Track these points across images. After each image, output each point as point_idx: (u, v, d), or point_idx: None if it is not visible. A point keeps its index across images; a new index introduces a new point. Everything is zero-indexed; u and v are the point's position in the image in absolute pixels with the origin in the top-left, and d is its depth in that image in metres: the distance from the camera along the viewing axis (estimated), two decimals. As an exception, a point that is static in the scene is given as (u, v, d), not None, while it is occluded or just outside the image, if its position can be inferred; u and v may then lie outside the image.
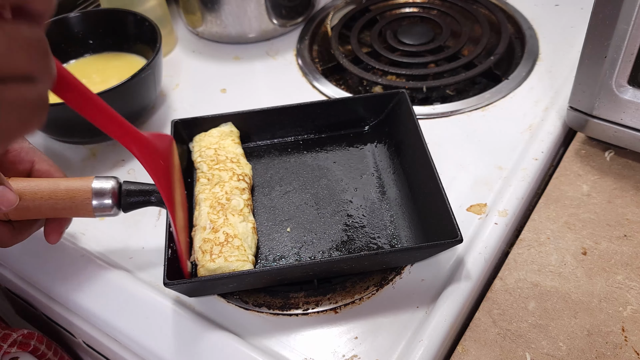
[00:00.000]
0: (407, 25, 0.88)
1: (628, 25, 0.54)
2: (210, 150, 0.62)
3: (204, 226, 0.55)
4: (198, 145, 0.64)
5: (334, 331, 0.53)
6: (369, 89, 0.81)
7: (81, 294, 0.58)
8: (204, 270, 0.53)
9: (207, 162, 0.61)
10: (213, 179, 0.59)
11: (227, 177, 0.60)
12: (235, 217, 0.56)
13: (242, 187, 0.60)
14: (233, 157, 0.62)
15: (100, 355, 0.64)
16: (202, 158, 0.62)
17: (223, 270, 0.52)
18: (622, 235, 0.58)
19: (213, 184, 0.59)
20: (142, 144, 0.46)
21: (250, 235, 0.56)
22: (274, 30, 0.90)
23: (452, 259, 0.57)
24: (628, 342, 0.50)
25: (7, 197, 0.46)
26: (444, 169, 0.63)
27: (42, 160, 0.55)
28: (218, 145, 0.63)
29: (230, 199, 0.57)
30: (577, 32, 0.84)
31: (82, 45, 0.80)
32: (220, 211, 0.56)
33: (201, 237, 0.55)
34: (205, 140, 0.64)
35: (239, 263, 0.52)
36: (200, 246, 0.54)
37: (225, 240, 0.54)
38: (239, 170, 0.61)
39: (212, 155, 0.62)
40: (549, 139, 0.68)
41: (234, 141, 0.64)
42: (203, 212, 0.57)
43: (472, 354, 0.51)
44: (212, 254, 0.53)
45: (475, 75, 0.78)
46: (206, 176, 0.60)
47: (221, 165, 0.61)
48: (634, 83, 0.58)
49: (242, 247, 0.54)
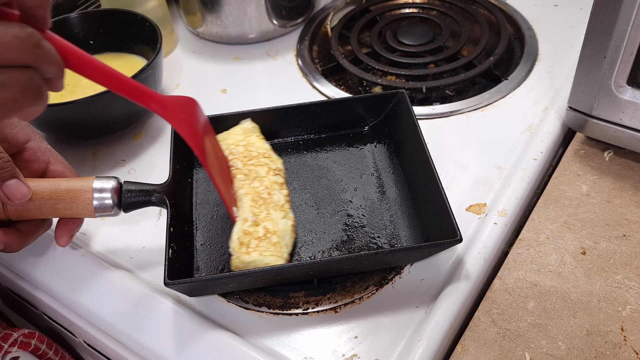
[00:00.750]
0: (407, 26, 0.88)
1: (627, 25, 0.54)
2: (240, 147, 0.62)
3: (246, 218, 0.55)
4: (225, 144, 0.63)
5: (334, 331, 0.54)
6: (368, 89, 0.81)
7: (82, 293, 0.58)
8: (238, 261, 0.53)
9: (240, 158, 0.61)
10: (250, 174, 0.59)
11: (264, 172, 0.60)
12: (277, 212, 0.56)
13: (280, 182, 0.60)
14: (264, 152, 0.62)
15: (101, 355, 0.64)
16: (233, 155, 0.61)
17: (257, 264, 0.52)
18: (621, 235, 0.58)
19: (251, 178, 0.59)
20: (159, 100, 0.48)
21: (288, 233, 0.56)
22: (274, 30, 0.90)
23: (451, 259, 0.57)
24: (627, 342, 0.50)
25: (21, 190, 0.48)
26: (443, 169, 0.63)
27: (58, 162, 0.56)
28: (246, 142, 0.63)
29: (271, 194, 0.57)
30: (576, 33, 0.84)
31: (83, 46, 0.78)
32: (262, 205, 0.56)
33: (241, 229, 0.55)
34: (231, 138, 0.64)
35: (273, 258, 0.52)
36: (238, 237, 0.54)
37: (264, 235, 0.54)
38: (274, 165, 0.61)
39: (243, 151, 0.62)
40: (549, 139, 0.68)
41: (258, 137, 0.64)
42: (245, 205, 0.56)
43: (471, 353, 0.51)
44: (249, 246, 0.53)
45: (474, 75, 0.78)
46: (242, 172, 0.60)
47: (255, 160, 0.61)
48: (633, 83, 0.58)
49: (279, 245, 0.54)
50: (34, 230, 0.53)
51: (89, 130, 0.73)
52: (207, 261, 0.58)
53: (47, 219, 0.55)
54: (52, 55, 0.35)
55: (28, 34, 0.33)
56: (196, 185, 0.65)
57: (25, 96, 0.33)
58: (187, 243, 0.59)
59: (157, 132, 0.77)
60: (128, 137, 0.76)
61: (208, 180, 0.65)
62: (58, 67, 0.36)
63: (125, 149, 0.74)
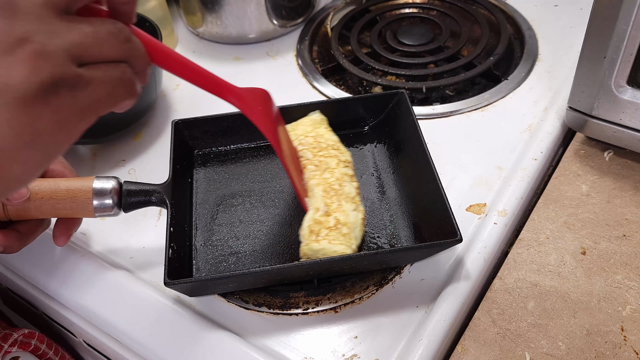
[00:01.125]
0: (407, 26, 0.88)
1: (627, 25, 0.54)
2: (310, 138, 0.62)
3: (318, 207, 0.55)
4: (294, 134, 0.63)
5: (334, 330, 0.54)
6: (368, 89, 0.81)
7: (82, 293, 0.58)
8: (307, 248, 0.53)
9: (310, 149, 0.61)
10: (321, 165, 0.59)
11: (334, 163, 0.60)
12: (349, 204, 0.56)
13: (349, 174, 0.60)
14: (333, 144, 0.62)
15: (101, 355, 0.64)
16: (303, 146, 0.62)
17: (326, 252, 0.52)
18: (621, 235, 0.58)
19: (322, 169, 0.59)
20: (237, 93, 0.49)
21: (358, 226, 0.56)
22: (274, 30, 0.90)
23: (451, 259, 0.57)
24: (627, 342, 0.50)
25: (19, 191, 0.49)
26: (443, 169, 0.63)
27: (58, 162, 0.56)
28: (315, 133, 0.63)
29: (342, 185, 0.58)
30: (576, 33, 0.84)
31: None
32: (333, 196, 0.56)
33: (312, 217, 0.55)
34: (299, 129, 0.64)
35: (342, 247, 0.52)
36: (309, 225, 0.54)
37: (334, 225, 0.54)
38: (343, 157, 0.61)
39: (313, 142, 0.62)
40: (548, 139, 0.68)
41: (327, 129, 0.64)
42: (317, 195, 0.57)
43: (471, 353, 0.51)
44: (319, 235, 0.53)
45: (474, 75, 0.78)
46: (313, 163, 0.60)
47: (324, 152, 0.61)
48: (633, 83, 0.58)
49: (349, 236, 0.54)
50: (33, 231, 0.53)
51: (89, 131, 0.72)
52: (207, 261, 0.58)
53: (45, 219, 0.55)
54: (141, 49, 0.36)
55: (120, 29, 0.34)
56: (196, 185, 0.65)
57: (119, 91, 0.34)
58: (187, 243, 0.59)
59: (157, 132, 0.77)
60: (128, 137, 0.76)
61: (208, 180, 0.65)
62: (146, 60, 0.37)
63: (125, 149, 0.74)
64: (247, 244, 0.59)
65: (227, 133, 0.67)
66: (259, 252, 0.58)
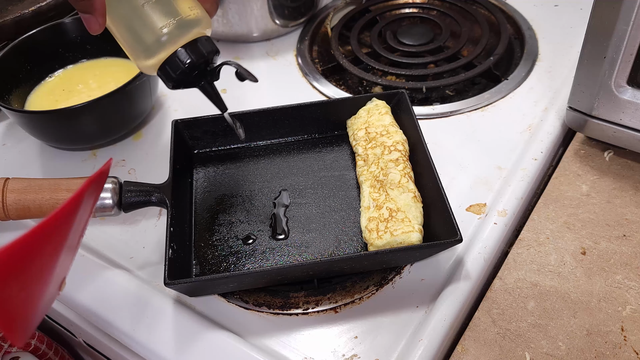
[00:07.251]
0: (407, 26, 0.88)
1: (627, 25, 0.54)
2: (361, 131, 0.64)
3: (368, 206, 0.57)
4: (351, 130, 0.65)
5: (334, 331, 0.54)
6: (368, 89, 0.81)
7: (82, 293, 0.58)
8: (373, 248, 0.53)
9: (360, 143, 0.63)
10: (368, 159, 0.61)
11: (380, 152, 0.61)
12: (395, 190, 0.57)
13: (394, 158, 0.60)
14: (382, 130, 0.63)
15: (101, 355, 0.64)
16: (356, 141, 0.63)
17: (391, 244, 0.53)
18: (621, 235, 0.58)
19: (369, 163, 0.60)
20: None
21: (412, 205, 0.56)
22: (276, 30, 0.90)
23: (451, 259, 0.57)
24: (627, 342, 0.50)
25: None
26: (443, 169, 0.63)
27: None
28: (367, 124, 0.64)
29: (387, 174, 0.58)
30: (576, 33, 0.84)
31: (80, 51, 0.79)
32: (380, 189, 0.57)
33: (366, 217, 0.56)
34: (356, 124, 0.65)
35: (405, 236, 0.53)
36: (366, 226, 0.55)
37: (389, 215, 0.54)
38: (389, 142, 0.62)
39: (364, 135, 0.63)
40: (549, 139, 0.68)
41: (380, 113, 0.65)
42: (365, 192, 0.58)
43: (471, 353, 0.51)
44: (379, 231, 0.54)
45: (474, 75, 0.78)
46: (362, 158, 0.62)
47: (373, 142, 0.62)
48: (633, 83, 0.58)
49: (407, 219, 0.54)
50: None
51: (87, 136, 0.72)
52: (207, 261, 0.58)
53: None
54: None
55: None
56: (196, 185, 0.65)
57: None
58: (187, 243, 0.59)
59: (157, 132, 0.77)
60: (128, 137, 0.76)
61: (208, 180, 0.65)
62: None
63: (125, 149, 0.74)
64: (247, 244, 0.59)
65: (227, 133, 0.67)
66: (259, 252, 0.58)
